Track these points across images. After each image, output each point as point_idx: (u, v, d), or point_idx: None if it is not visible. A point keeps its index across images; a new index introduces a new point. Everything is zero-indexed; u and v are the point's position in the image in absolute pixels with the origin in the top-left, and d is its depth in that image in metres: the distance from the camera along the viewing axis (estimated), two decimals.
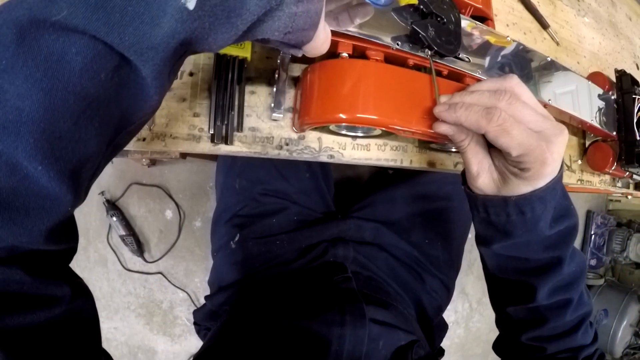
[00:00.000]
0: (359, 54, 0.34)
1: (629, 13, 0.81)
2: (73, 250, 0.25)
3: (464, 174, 0.35)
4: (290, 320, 0.43)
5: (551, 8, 0.67)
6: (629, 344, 1.49)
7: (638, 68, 0.77)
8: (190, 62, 0.43)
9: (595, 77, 0.59)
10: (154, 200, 1.08)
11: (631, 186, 0.68)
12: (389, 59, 0.34)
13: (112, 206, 1.03)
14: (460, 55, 0.37)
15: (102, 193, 1.03)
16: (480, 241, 0.36)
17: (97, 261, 1.06)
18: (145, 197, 1.07)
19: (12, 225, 0.19)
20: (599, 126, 0.51)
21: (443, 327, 0.62)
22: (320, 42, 0.25)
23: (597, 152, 0.60)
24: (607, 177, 0.66)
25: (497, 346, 0.45)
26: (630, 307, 1.46)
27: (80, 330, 0.23)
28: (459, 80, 0.37)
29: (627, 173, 0.59)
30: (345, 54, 0.32)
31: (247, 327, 0.45)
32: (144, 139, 0.43)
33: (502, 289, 0.39)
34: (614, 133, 0.55)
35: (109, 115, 0.21)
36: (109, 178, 1.04)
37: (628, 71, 0.57)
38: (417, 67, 0.35)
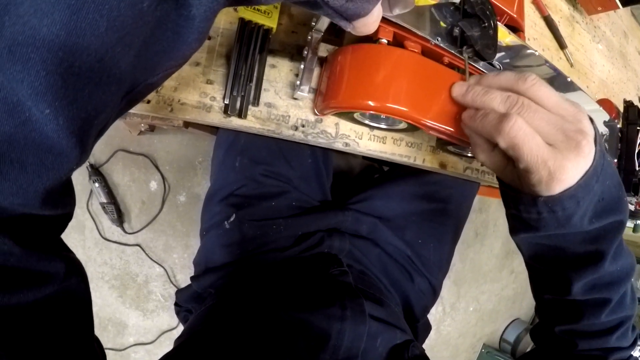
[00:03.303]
0: (396, 43, 0.32)
1: (639, 47, 0.83)
2: (69, 217, 0.21)
3: None
4: (287, 311, 0.42)
5: (570, 30, 0.68)
6: None
7: None
8: None
9: (604, 104, 0.60)
10: (139, 169, 1.03)
11: None
12: (426, 53, 0.33)
13: (96, 171, 0.98)
14: (493, 62, 0.36)
15: None
16: (513, 232, 0.35)
17: (74, 227, 1.01)
18: (131, 165, 1.03)
19: (3, 182, 0.15)
20: None
21: (427, 328, 0.62)
22: (373, 19, 0.23)
23: None
24: None
25: (534, 332, 0.44)
26: None
27: (72, 313, 0.20)
28: None
29: None
30: (384, 40, 0.31)
31: (239, 314, 0.44)
32: (148, 102, 0.40)
33: (539, 277, 0.38)
34: (615, 160, 0.57)
35: (138, 57, 0.17)
36: None
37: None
38: (451, 66, 0.34)
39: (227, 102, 0.37)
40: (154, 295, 1.10)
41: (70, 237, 1.01)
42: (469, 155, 0.43)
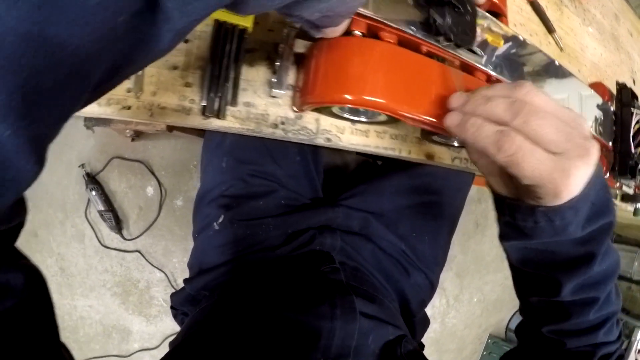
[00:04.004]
0: (372, 34, 0.32)
1: (631, 29, 0.82)
2: (22, 225, 0.21)
3: None
4: (278, 311, 0.41)
5: (558, 14, 0.67)
6: None
7: (634, 83, 0.78)
8: None
9: (596, 87, 0.59)
10: (135, 175, 1.04)
11: (618, 197, 0.69)
12: (403, 43, 0.32)
13: (92, 180, 0.98)
14: (473, 48, 0.35)
15: (82, 166, 0.98)
16: (504, 238, 0.34)
17: (73, 236, 1.02)
18: (127, 172, 1.03)
19: None
20: (596, 135, 0.51)
21: (425, 322, 0.62)
22: (343, 27, 0.23)
23: None
24: None
25: (518, 331, 0.44)
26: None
27: (35, 323, 0.20)
28: (470, 73, 0.36)
29: (618, 184, 0.60)
30: (358, 33, 0.30)
31: (232, 315, 0.43)
32: (129, 107, 0.40)
33: (525, 281, 0.38)
34: (610, 144, 0.56)
35: (105, 67, 0.16)
36: (90, 151, 0.99)
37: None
38: (430, 55, 0.34)
39: (204, 103, 0.37)
40: (156, 301, 1.10)
41: (71, 246, 1.02)
42: (456, 145, 0.43)
